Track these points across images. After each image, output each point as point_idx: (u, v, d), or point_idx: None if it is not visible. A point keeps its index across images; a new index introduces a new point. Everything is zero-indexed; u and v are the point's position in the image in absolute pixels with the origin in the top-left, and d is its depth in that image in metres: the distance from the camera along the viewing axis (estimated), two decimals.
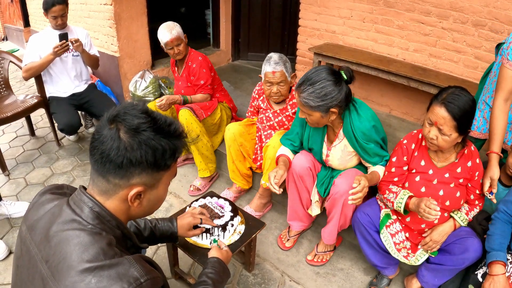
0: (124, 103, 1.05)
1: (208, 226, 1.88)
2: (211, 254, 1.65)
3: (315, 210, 2.27)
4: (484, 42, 2.96)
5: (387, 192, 2.00)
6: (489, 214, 1.98)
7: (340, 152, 2.17)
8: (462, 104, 1.67)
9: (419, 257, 1.97)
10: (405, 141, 1.98)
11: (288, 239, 2.51)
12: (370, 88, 3.81)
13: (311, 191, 2.29)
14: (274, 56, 2.43)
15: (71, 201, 1.07)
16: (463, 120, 1.68)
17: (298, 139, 2.31)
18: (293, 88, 2.53)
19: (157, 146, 1.00)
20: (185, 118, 2.79)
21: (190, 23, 7.08)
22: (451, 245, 1.86)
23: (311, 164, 2.23)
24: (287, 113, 2.61)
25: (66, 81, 3.37)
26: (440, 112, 1.69)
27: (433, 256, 1.95)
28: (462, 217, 1.89)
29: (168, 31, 2.88)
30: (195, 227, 1.86)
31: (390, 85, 3.61)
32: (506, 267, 1.72)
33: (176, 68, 3.21)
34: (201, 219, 1.85)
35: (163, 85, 3.96)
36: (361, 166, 2.25)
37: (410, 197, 1.87)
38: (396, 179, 1.99)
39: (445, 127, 1.70)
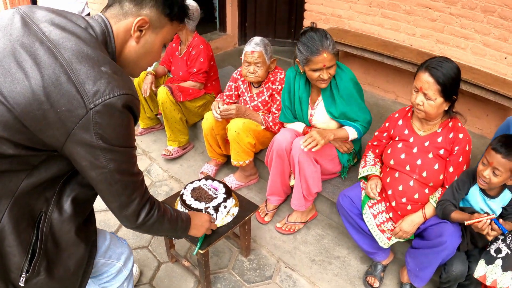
0: None
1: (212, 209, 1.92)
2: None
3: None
4: (493, 29, 2.87)
5: (363, 157, 2.22)
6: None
7: (323, 110, 2.34)
8: (446, 69, 1.75)
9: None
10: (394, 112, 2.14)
11: (266, 213, 2.60)
12: (375, 74, 3.75)
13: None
14: (256, 38, 2.55)
15: (89, 18, 1.16)
16: (447, 84, 1.75)
17: (289, 111, 2.46)
18: (271, 72, 2.64)
19: None
20: (162, 95, 2.88)
21: None
22: (428, 230, 1.90)
23: (294, 138, 2.33)
24: (263, 97, 2.67)
25: None
26: (424, 77, 1.77)
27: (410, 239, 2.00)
28: (437, 201, 1.90)
29: (190, 1, 2.98)
30: None
31: (396, 71, 3.54)
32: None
33: (179, 47, 3.20)
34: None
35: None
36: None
37: (372, 176, 2.09)
38: (375, 143, 2.18)
39: (430, 91, 1.76)
